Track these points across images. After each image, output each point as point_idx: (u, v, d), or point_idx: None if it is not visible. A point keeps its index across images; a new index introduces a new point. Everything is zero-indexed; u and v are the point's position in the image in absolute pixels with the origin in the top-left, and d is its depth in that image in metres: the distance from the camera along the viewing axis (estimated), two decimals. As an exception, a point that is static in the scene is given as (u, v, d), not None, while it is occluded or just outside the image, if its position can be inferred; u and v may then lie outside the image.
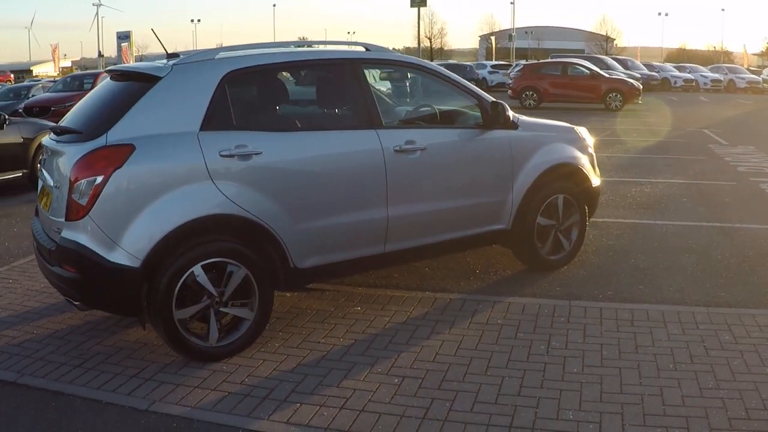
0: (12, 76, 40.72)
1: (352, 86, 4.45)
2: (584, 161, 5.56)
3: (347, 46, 4.94)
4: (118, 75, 4.24)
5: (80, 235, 3.65)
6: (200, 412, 3.39)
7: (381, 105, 4.64)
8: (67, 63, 55.48)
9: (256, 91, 4.35)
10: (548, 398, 3.44)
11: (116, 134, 3.69)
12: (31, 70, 46.58)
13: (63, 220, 3.73)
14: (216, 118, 3.90)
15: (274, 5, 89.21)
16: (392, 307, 4.70)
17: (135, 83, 4.00)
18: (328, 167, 4.23)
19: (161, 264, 3.67)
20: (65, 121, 4.23)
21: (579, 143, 5.62)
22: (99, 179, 3.58)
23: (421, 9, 36.08)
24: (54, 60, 38.87)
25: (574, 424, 3.19)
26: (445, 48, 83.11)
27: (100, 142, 3.67)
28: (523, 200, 5.11)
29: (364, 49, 4.80)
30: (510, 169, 5.05)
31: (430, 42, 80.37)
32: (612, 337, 4.14)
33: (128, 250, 3.61)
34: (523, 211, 5.14)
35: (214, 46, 5.39)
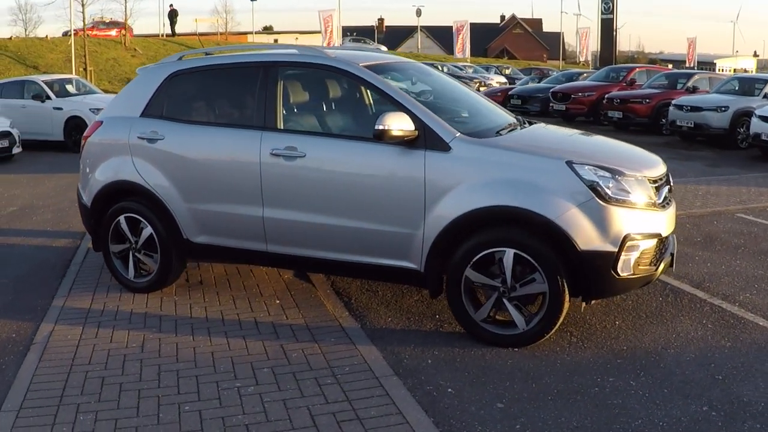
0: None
1: (258, 87, 4.45)
2: (565, 213, 3.70)
3: (282, 49, 4.75)
4: None
5: (79, 180, 5.33)
6: (54, 308, 4.66)
7: (299, 109, 4.50)
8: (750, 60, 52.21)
9: (188, 88, 4.82)
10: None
11: (104, 113, 5.15)
12: (715, 63, 46.78)
13: None
14: (153, 108, 4.81)
15: None
16: (295, 311, 4.58)
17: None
18: (211, 159, 4.55)
19: (103, 208, 4.98)
20: None
21: (570, 187, 3.74)
22: (84, 142, 5.17)
23: None
24: (689, 52, 38.54)
25: None
26: None
27: (98, 118, 5.22)
28: (438, 239, 3.96)
29: (296, 52, 4.59)
30: (421, 198, 3.97)
31: None
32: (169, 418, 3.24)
33: (88, 194, 5.05)
34: (440, 254, 3.99)
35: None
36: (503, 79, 29.96)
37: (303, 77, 4.64)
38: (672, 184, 4.47)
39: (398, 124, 3.90)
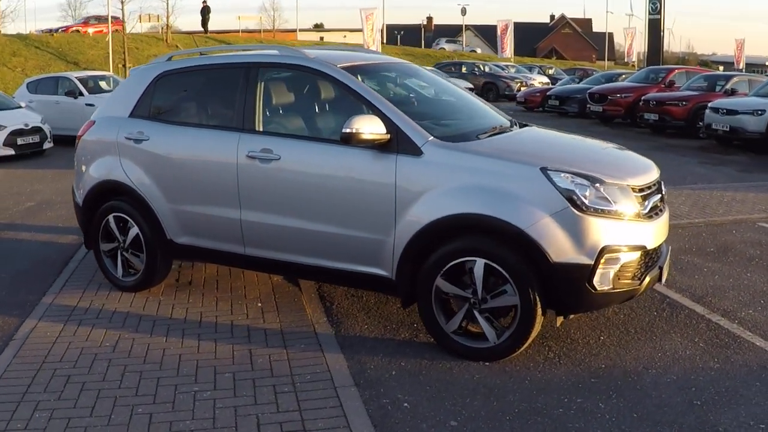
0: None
1: (239, 89, 4.40)
2: (536, 222, 3.52)
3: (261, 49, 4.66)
4: None
5: (74, 178, 5.37)
6: (42, 305, 4.73)
7: (277, 111, 4.44)
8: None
9: (173, 89, 4.81)
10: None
11: (97, 113, 5.19)
12: (767, 65, 44.63)
13: None
14: (141, 109, 4.83)
15: None
16: (274, 315, 4.54)
17: None
18: (192, 160, 4.54)
19: (93, 207, 5.02)
20: None
21: (543, 195, 3.55)
22: (77, 141, 5.20)
23: None
24: (737, 54, 37.01)
25: None
26: None
27: (91, 118, 5.25)
28: (408, 247, 3.82)
29: (276, 53, 4.50)
30: (392, 203, 3.84)
31: None
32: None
33: (81, 193, 5.11)
34: (411, 262, 3.84)
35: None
36: (546, 79, 29.40)
37: (282, 78, 4.57)
38: (664, 192, 4.21)
39: (367, 127, 3.77)
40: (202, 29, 36.50)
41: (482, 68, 30.92)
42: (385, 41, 53.84)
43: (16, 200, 8.30)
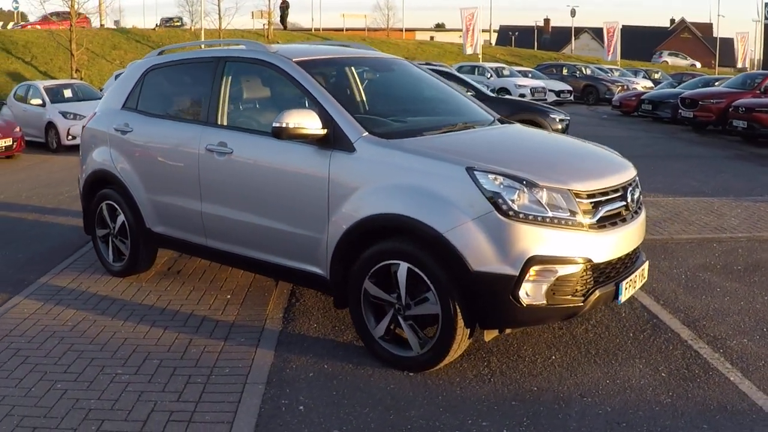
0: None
1: (207, 83, 4.47)
2: (457, 227, 3.28)
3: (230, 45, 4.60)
4: None
5: None
6: (36, 284, 5.09)
7: (237, 105, 4.42)
8: None
9: (158, 83, 4.97)
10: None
11: (100, 105, 5.42)
12: None
13: None
14: (131, 101, 5.05)
15: None
16: (236, 308, 4.59)
17: None
18: (164, 152, 4.68)
19: (91, 194, 5.30)
20: None
21: (468, 198, 3.29)
22: (82, 131, 5.45)
23: None
24: None
25: None
26: None
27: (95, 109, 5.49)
28: (339, 246, 3.69)
29: (243, 48, 4.45)
30: (325, 201, 3.72)
31: None
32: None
33: (83, 179, 5.40)
34: (342, 262, 3.70)
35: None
36: (650, 84, 27.81)
37: (245, 73, 4.59)
38: (630, 200, 3.74)
39: (298, 121, 3.69)
40: (282, 26, 36.76)
41: (583, 71, 29.76)
42: (492, 42, 52.95)
43: (72, 186, 8.89)
